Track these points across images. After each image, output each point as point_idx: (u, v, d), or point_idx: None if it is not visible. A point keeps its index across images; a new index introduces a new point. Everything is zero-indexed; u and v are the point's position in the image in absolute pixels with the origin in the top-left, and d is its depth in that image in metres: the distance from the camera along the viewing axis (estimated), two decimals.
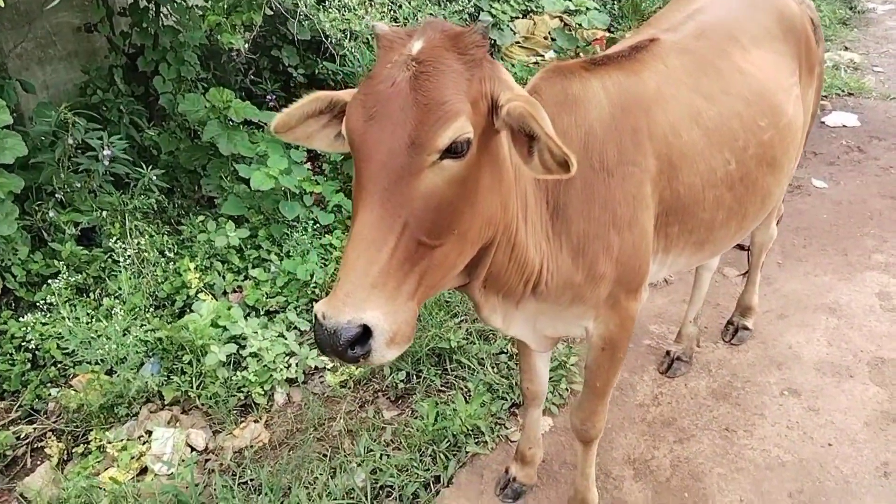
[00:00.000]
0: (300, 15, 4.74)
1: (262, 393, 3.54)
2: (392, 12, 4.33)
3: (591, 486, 2.78)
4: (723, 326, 3.88)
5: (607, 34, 7.22)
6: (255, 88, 5.56)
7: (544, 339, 2.38)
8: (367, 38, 4.55)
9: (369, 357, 1.42)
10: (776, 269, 4.48)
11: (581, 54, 6.34)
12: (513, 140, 1.59)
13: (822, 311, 4.01)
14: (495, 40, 6.70)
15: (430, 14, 4.91)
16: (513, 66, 6.62)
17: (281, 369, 3.59)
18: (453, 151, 1.47)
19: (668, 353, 3.68)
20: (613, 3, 8.47)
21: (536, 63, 7.22)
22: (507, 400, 3.39)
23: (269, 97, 5.43)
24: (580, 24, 6.70)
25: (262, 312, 3.99)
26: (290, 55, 5.72)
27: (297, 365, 3.68)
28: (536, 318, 2.23)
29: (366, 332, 1.40)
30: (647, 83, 2.20)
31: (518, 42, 7.42)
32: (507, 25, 7.14)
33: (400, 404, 3.52)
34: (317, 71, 5.87)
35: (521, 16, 7.69)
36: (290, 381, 3.65)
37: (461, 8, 5.70)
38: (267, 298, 4.05)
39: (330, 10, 4.14)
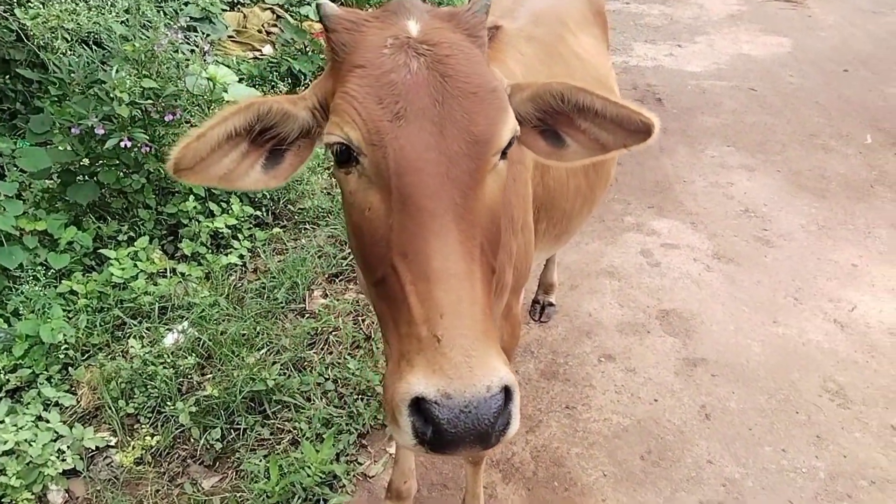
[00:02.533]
0: None
1: (32, 497, 2.72)
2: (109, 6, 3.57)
3: None
4: (529, 306, 3.92)
5: None
6: None
7: None
8: (86, 38, 3.70)
9: (508, 429, 1.03)
10: None
11: (311, 49, 5.99)
12: (521, 134, 1.31)
13: (603, 275, 4.26)
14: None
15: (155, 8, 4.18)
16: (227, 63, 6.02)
17: (52, 462, 2.79)
18: (504, 151, 1.17)
19: (537, 301, 3.88)
20: None
21: (255, 58, 6.69)
22: (351, 432, 3.01)
23: None
24: (306, 16, 6.28)
25: (0, 394, 3.07)
26: None
27: (70, 450, 2.89)
28: None
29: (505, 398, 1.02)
30: (514, 72, 2.02)
31: (231, 36, 6.80)
32: (218, 18, 6.50)
33: (220, 468, 2.95)
34: None
35: (228, 8, 7.05)
36: (68, 473, 2.86)
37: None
38: (3, 374, 3.13)
39: (31, 4, 3.25)
